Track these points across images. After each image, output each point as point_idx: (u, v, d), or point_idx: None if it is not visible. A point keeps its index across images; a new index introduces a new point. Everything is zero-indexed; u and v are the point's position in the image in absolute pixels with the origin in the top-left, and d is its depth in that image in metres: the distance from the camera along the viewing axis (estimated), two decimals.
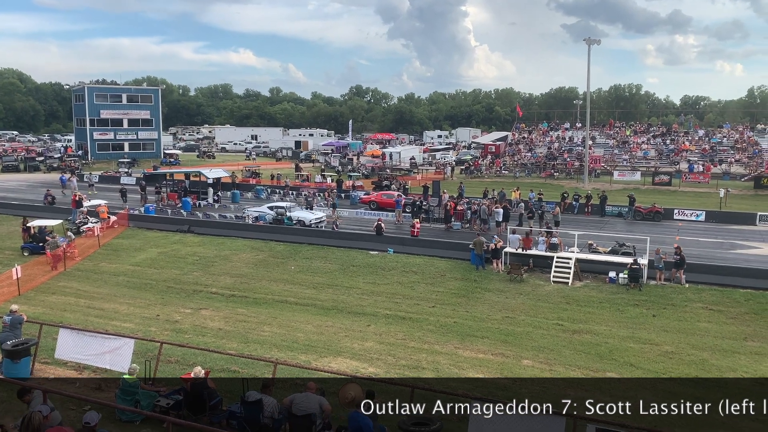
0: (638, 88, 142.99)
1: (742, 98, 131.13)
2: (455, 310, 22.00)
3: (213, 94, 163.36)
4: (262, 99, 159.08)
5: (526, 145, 66.39)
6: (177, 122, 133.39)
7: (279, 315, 21.19)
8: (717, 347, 18.54)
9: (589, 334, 19.65)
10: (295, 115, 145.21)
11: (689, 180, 51.56)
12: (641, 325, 20.47)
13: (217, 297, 23.42)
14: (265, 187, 47.38)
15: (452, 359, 17.48)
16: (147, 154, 74.08)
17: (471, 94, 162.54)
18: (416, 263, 27.14)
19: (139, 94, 77.58)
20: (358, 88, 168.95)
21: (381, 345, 18.46)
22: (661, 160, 59.46)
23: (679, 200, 43.51)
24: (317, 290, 24.28)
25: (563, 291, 23.90)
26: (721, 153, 59.38)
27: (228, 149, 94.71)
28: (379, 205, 38.53)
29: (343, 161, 67.31)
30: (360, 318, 21.14)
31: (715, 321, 20.72)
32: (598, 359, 17.68)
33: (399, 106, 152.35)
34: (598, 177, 54.11)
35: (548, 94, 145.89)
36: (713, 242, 30.92)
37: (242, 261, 28.12)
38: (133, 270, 26.92)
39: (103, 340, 13.40)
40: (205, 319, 20.63)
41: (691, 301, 22.37)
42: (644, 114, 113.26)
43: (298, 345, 18.15)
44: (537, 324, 20.56)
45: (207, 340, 18.26)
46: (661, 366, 17.21)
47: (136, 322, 19.94)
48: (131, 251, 29.66)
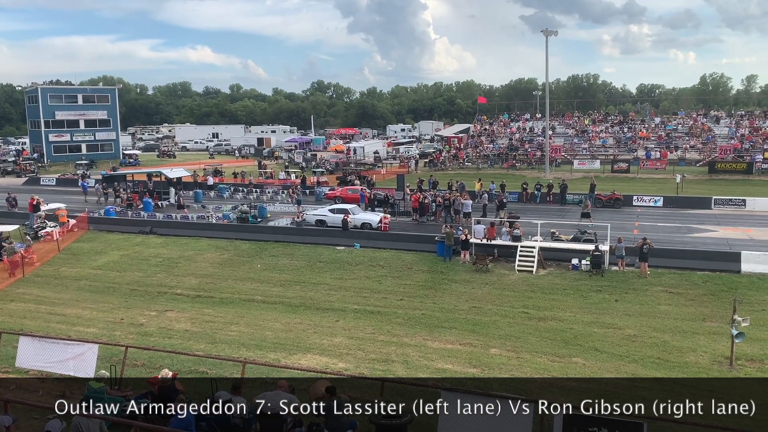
0: (596, 78, 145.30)
1: (695, 86, 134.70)
2: (423, 302, 22.13)
3: (172, 93, 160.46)
4: (222, 96, 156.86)
5: (488, 137, 66.99)
6: (135, 122, 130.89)
7: (246, 314, 21.04)
8: (677, 329, 19.04)
9: (554, 321, 19.98)
10: (256, 112, 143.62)
11: (647, 167, 52.75)
12: (604, 310, 20.90)
13: (183, 298, 23.13)
14: (228, 186, 46.87)
15: (421, 351, 17.59)
16: (105, 155, 72.57)
17: (432, 87, 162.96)
18: (383, 257, 27.19)
19: (95, 94, 75.94)
20: (320, 83, 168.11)
21: (350, 340, 18.47)
22: (619, 148, 60.66)
23: (638, 187, 44.52)
24: (284, 288, 24.15)
25: (528, 279, 24.22)
26: (676, 140, 60.87)
27: (189, 148, 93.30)
28: (344, 200, 38.43)
29: (307, 157, 66.98)
30: (328, 314, 21.11)
31: (674, 303, 21.28)
32: (563, 345, 17.99)
33: (361, 100, 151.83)
34: (558, 166, 54.94)
35: (508, 86, 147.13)
36: (671, 227, 31.69)
37: (207, 261, 27.80)
38: (95, 274, 26.44)
39: (66, 346, 13.13)
40: (171, 321, 20.39)
41: (652, 285, 22.90)
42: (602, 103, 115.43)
43: (267, 343, 18.05)
44: (503, 313, 20.82)
45: (173, 342, 18.04)
46: (624, 349, 17.61)
47: (100, 327, 19.59)
48: (92, 255, 29.12)
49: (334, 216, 31.52)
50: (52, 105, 71.99)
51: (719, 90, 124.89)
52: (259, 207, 35.92)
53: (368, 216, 32.35)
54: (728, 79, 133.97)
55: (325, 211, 32.96)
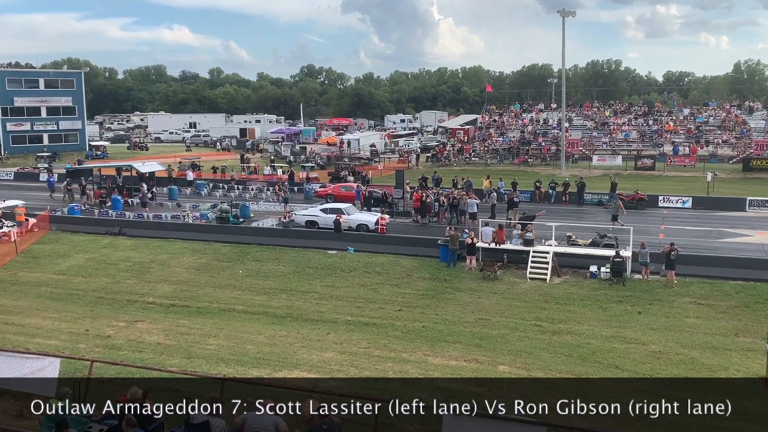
0: (617, 64, 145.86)
1: (729, 73, 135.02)
2: (423, 313, 22.15)
3: (144, 77, 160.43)
4: (200, 82, 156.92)
5: (498, 129, 67.09)
6: (104, 110, 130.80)
7: (226, 325, 21.05)
8: (707, 344, 19.09)
9: (569, 335, 20.02)
10: (239, 100, 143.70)
11: (674, 163, 52.87)
12: (626, 323, 20.94)
13: (155, 307, 23.14)
14: (206, 182, 46.88)
15: (421, 368, 17.61)
16: (70, 146, 72.40)
17: (436, 73, 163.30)
18: (380, 262, 27.22)
19: (59, 79, 75.76)
20: (310, 68, 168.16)
21: (342, 355, 18.49)
22: (643, 142, 60.77)
23: (664, 186, 44.61)
24: (269, 296, 24.18)
25: (541, 288, 24.26)
26: (707, 134, 61.01)
27: (163, 139, 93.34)
28: (336, 198, 38.45)
29: (295, 150, 67.01)
30: (318, 326, 21.13)
31: (704, 316, 21.33)
32: (580, 362, 18.02)
33: (356, 87, 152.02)
34: (575, 162, 55.10)
35: (520, 73, 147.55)
36: (701, 231, 31.78)
37: (182, 266, 27.81)
38: (57, 279, 26.44)
39: (24, 360, 13.08)
40: (142, 332, 20.39)
41: (679, 295, 22.96)
42: (624, 92, 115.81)
43: (249, 358, 18.06)
44: (513, 325, 20.85)
45: (144, 356, 18.05)
46: (648, 367, 17.64)
47: (63, 339, 19.60)
48: (54, 258, 29.10)
49: (327, 216, 31.51)
50: (10, 90, 71.71)
51: (755, 78, 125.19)
52: (241, 206, 35.95)
53: (365, 216, 32.35)
54: (765, 67, 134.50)
55: (317, 210, 33.00)
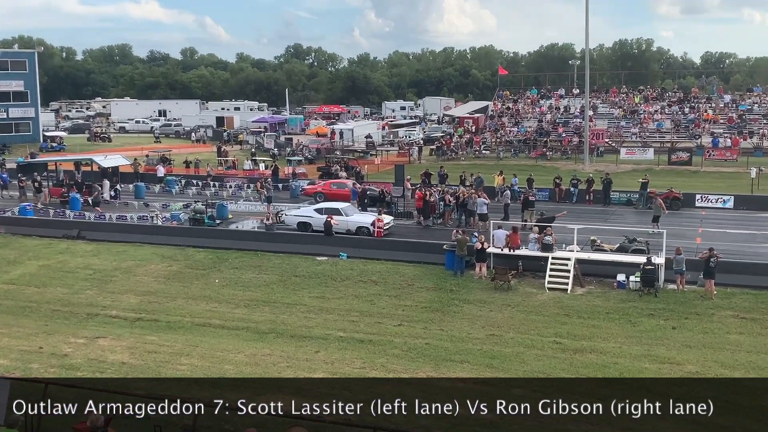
0: (649, 44, 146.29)
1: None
2: (427, 328, 22.14)
3: (107, 58, 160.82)
4: (171, 63, 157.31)
5: (512, 118, 67.18)
6: (60, 95, 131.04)
7: (200, 343, 21.03)
8: (751, 364, 19.09)
9: (593, 354, 20.01)
10: (215, 84, 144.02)
11: (713, 157, 52.94)
12: (658, 340, 20.94)
13: (119, 322, 23.10)
14: (178, 178, 46.85)
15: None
16: (21, 137, 72.53)
17: (441, 54, 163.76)
18: (376, 270, 27.23)
19: (8, 60, 75.57)
20: (297, 47, 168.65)
21: (333, 377, 18.46)
22: (678, 133, 60.92)
23: (702, 183, 44.71)
24: (250, 309, 24.15)
25: (561, 300, 24.27)
26: (751, 123, 61.14)
27: (128, 129, 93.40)
28: (327, 197, 38.41)
29: (280, 142, 67.02)
30: (306, 343, 21.11)
31: (748, 332, 21.33)
32: (606, 384, 17.97)
33: (350, 70, 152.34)
34: (601, 156, 55.15)
35: (537, 53, 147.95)
36: (744, 234, 31.82)
37: (150, 274, 27.79)
38: (7, 289, 26.42)
39: None
40: (104, 350, 20.37)
41: (719, 308, 22.97)
42: (657, 76, 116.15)
43: (227, 380, 17.97)
44: (529, 343, 20.84)
45: (107, 377, 18.01)
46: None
47: (12, 358, 19.57)
48: (3, 265, 29.12)
49: (323, 218, 31.35)
50: None
51: None
52: (218, 205, 35.86)
53: (365, 218, 32.31)
54: None
55: (311, 210, 32.91)
